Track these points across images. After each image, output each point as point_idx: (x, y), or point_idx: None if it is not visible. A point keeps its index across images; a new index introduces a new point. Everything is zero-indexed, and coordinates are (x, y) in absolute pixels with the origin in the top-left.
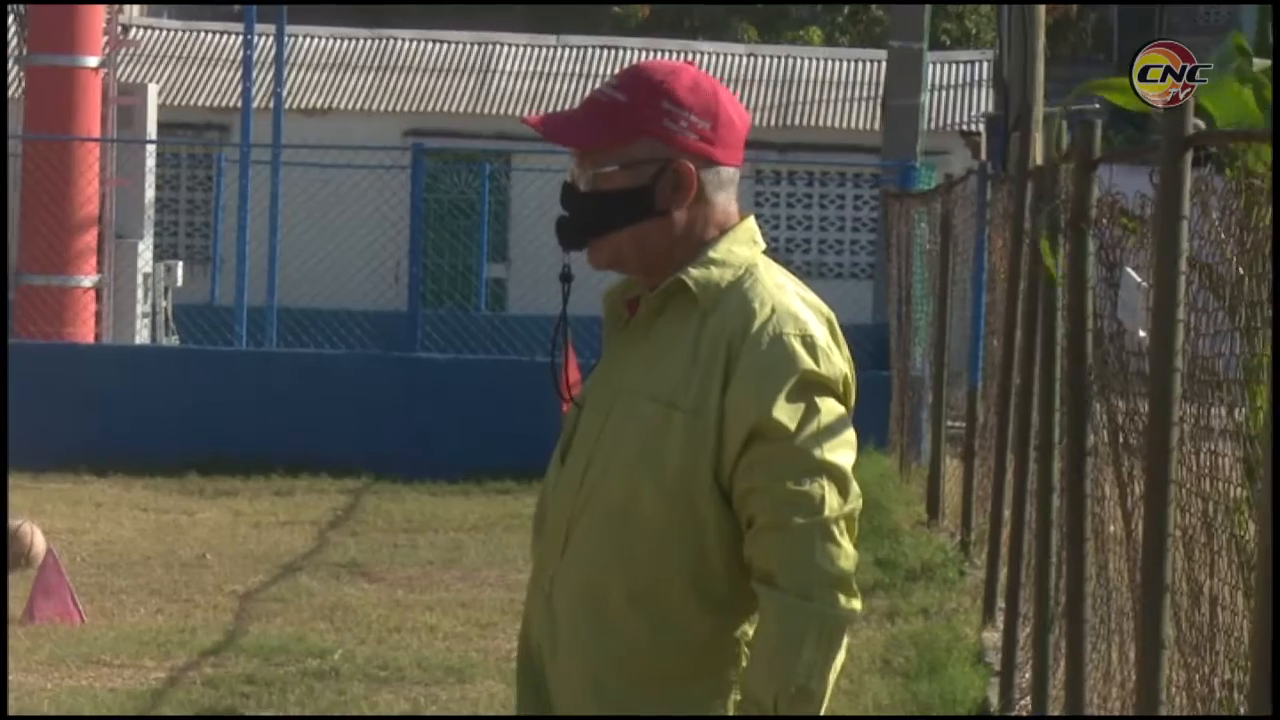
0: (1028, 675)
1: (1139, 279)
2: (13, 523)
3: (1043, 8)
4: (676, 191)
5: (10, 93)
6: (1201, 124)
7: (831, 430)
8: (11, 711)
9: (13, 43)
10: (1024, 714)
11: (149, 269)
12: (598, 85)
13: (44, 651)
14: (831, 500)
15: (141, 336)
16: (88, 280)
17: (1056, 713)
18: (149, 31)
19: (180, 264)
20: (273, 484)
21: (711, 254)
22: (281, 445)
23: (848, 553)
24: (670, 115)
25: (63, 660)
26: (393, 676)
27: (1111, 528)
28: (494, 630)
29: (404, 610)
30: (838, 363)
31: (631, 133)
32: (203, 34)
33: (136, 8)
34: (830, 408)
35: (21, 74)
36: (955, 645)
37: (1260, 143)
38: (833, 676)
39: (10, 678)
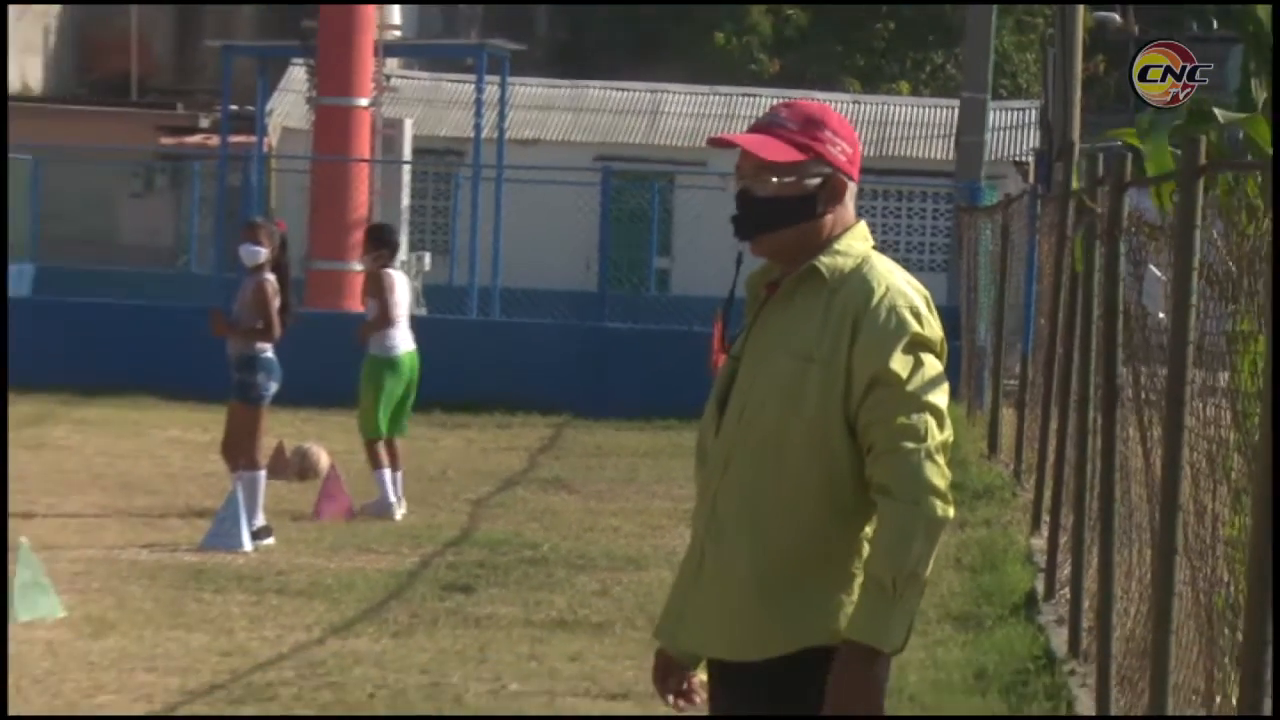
0: (1066, 572)
1: (1159, 274)
2: (304, 444)
3: (1079, 66)
4: (830, 200)
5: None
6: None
7: (932, 379)
8: (324, 579)
9: (306, 87)
10: (1063, 601)
11: (405, 257)
12: (759, 119)
13: (327, 541)
14: (933, 431)
15: None
16: (358, 265)
17: (1089, 602)
18: (405, 80)
19: (428, 254)
20: (496, 419)
21: (838, 246)
22: (503, 391)
23: (944, 471)
24: (830, 141)
25: (342, 548)
26: (586, 564)
27: (1134, 462)
28: (661, 531)
29: (594, 515)
30: (935, 328)
31: (805, 153)
32: (445, 82)
33: (396, 61)
34: (931, 362)
35: (312, 111)
36: (1009, 548)
37: (1256, 171)
38: (931, 565)
39: (301, 560)
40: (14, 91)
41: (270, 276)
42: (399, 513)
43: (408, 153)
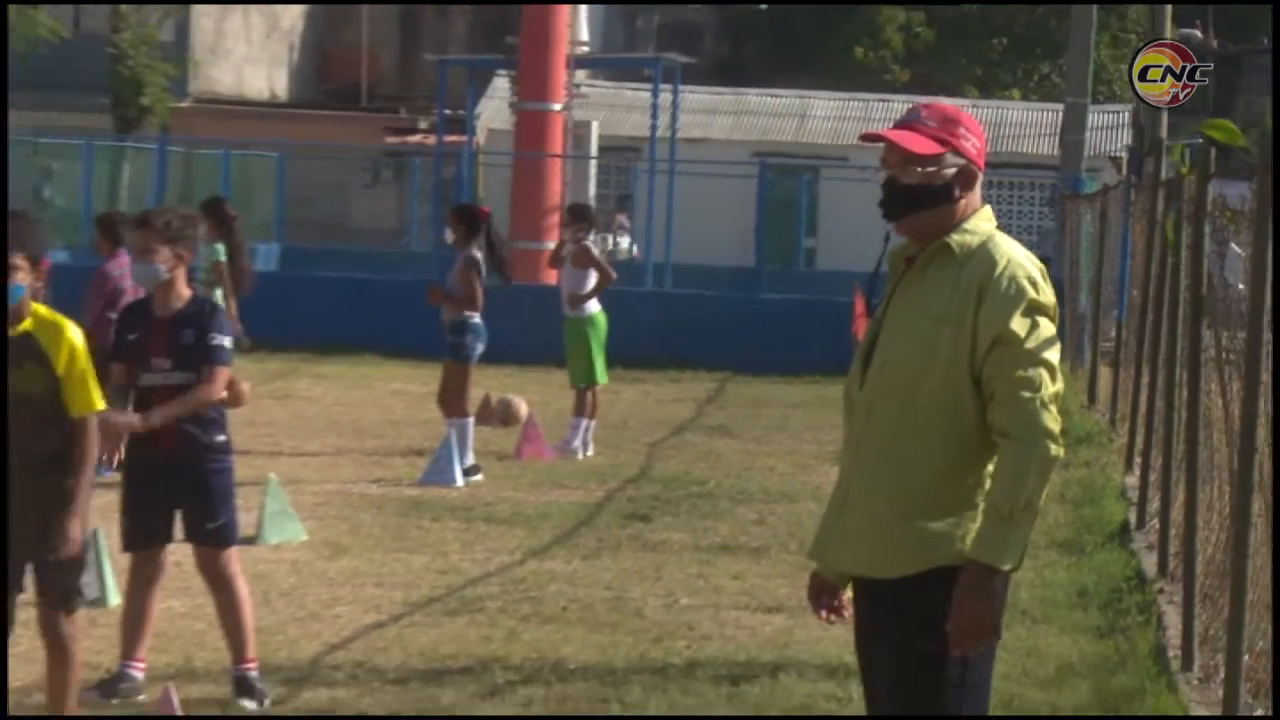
0: (1155, 505)
1: (1239, 250)
2: (507, 396)
3: None
4: (964, 187)
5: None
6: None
7: (1046, 339)
8: (524, 510)
9: (508, 94)
10: (1152, 530)
11: (593, 237)
12: (903, 117)
13: (526, 478)
14: (1046, 383)
15: None
16: (551, 244)
17: (1174, 531)
18: (592, 88)
19: (627, 238)
20: (668, 375)
21: (967, 226)
22: (674, 351)
23: (1055, 418)
24: (963, 137)
25: (539, 483)
26: (745, 497)
27: (1214, 412)
28: (809, 469)
29: (752, 456)
30: (1049, 296)
31: (943, 146)
32: (626, 90)
33: (584, 71)
34: (1045, 324)
35: (513, 114)
36: (1106, 486)
37: None
38: (1043, 498)
39: (505, 494)
40: (264, 99)
41: (476, 254)
42: (585, 455)
43: (594, 150)
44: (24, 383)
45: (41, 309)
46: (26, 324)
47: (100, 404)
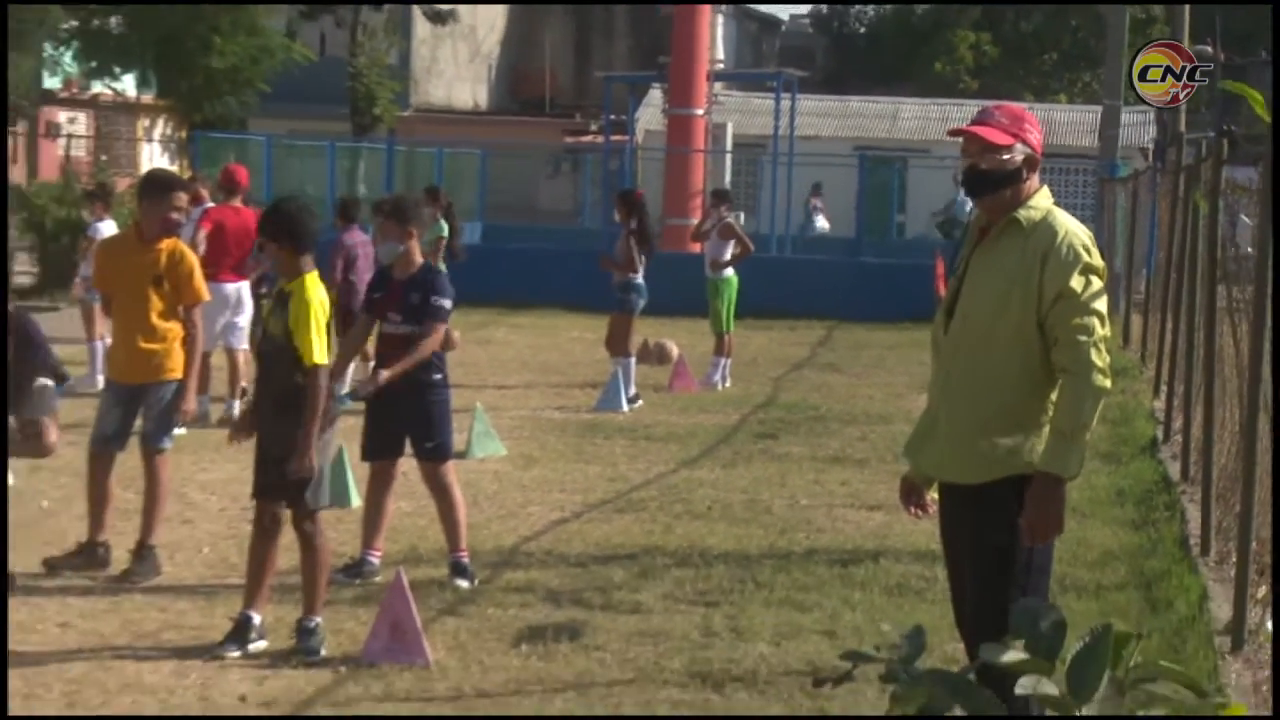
0: (1178, 424)
1: (1248, 220)
2: (661, 340)
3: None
4: (1031, 171)
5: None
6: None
7: (1097, 292)
8: (676, 430)
9: (661, 102)
10: (1176, 443)
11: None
12: (978, 115)
13: (678, 406)
14: (1097, 329)
15: None
16: (694, 221)
17: (1194, 444)
18: (727, 96)
19: (741, 214)
20: (788, 324)
21: (1030, 204)
22: (792, 305)
23: (1105, 356)
24: (1028, 131)
25: (687, 409)
26: (851, 420)
27: (1227, 350)
28: (902, 398)
29: (856, 387)
30: (1098, 259)
31: (1014, 138)
32: (753, 98)
33: (721, 84)
34: (1096, 282)
35: (665, 118)
36: (1138, 409)
37: None
38: (1095, 420)
39: (660, 418)
40: (469, 109)
41: (631, 226)
42: (723, 387)
43: (729, 146)
44: (275, 328)
45: (310, 277)
46: (289, 283)
47: (321, 358)
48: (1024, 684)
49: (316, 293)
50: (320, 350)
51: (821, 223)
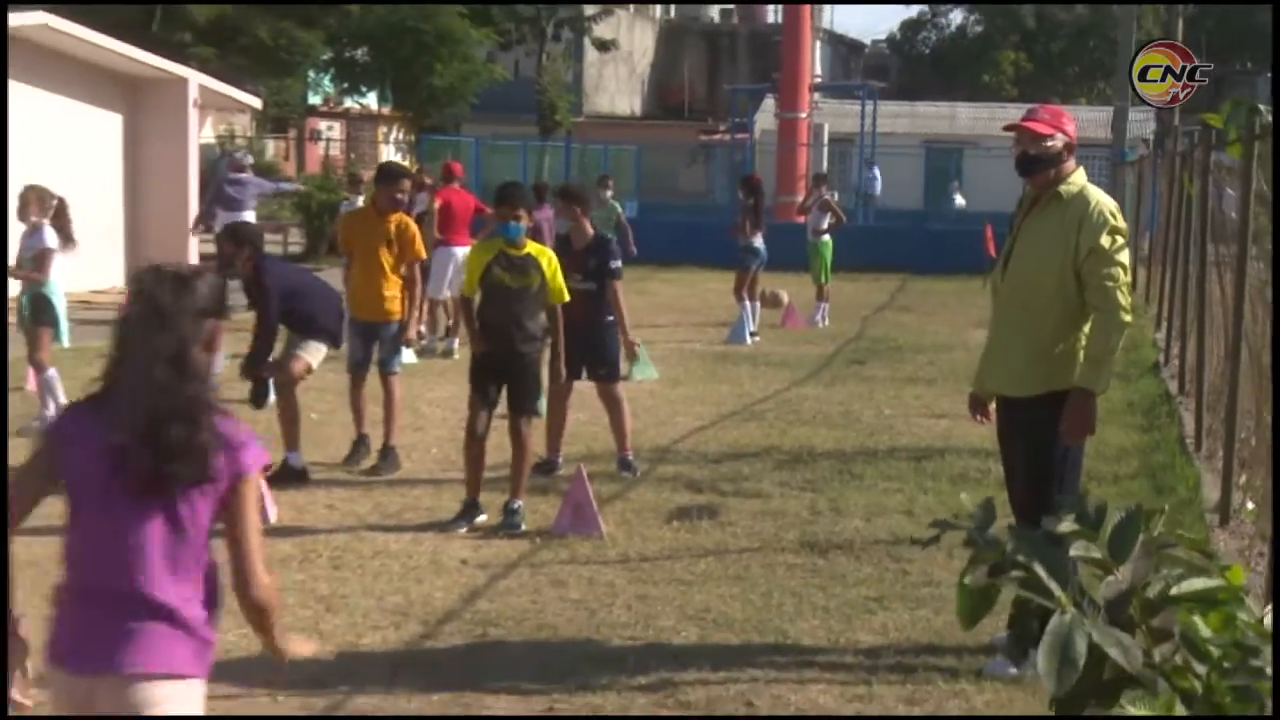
0: (1175, 351)
1: (1232, 193)
2: (774, 289)
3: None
4: (1068, 155)
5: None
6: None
7: (1121, 247)
8: (788, 359)
9: (773, 108)
10: (1174, 365)
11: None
12: (1027, 113)
13: (789, 340)
14: (1121, 276)
15: None
16: (799, 198)
17: (1189, 365)
18: (824, 103)
19: (835, 193)
20: (870, 276)
21: (1069, 180)
22: (873, 261)
23: (1127, 297)
24: (1066, 125)
25: (796, 343)
26: (922, 349)
27: (1215, 293)
28: (961, 332)
29: (925, 324)
30: (1122, 223)
31: (1056, 129)
32: (845, 104)
33: (819, 94)
34: (1120, 240)
35: (777, 120)
36: (1143, 339)
37: None
38: (1119, 348)
39: (776, 349)
40: (624, 115)
41: (750, 203)
42: (823, 325)
43: (825, 141)
44: (526, 281)
45: (531, 242)
46: (526, 250)
47: (566, 297)
48: (1077, 548)
49: (549, 253)
50: (565, 290)
51: (878, 189)
